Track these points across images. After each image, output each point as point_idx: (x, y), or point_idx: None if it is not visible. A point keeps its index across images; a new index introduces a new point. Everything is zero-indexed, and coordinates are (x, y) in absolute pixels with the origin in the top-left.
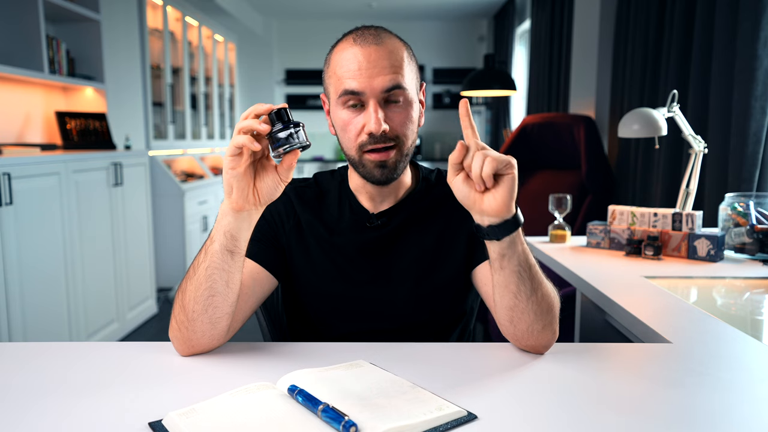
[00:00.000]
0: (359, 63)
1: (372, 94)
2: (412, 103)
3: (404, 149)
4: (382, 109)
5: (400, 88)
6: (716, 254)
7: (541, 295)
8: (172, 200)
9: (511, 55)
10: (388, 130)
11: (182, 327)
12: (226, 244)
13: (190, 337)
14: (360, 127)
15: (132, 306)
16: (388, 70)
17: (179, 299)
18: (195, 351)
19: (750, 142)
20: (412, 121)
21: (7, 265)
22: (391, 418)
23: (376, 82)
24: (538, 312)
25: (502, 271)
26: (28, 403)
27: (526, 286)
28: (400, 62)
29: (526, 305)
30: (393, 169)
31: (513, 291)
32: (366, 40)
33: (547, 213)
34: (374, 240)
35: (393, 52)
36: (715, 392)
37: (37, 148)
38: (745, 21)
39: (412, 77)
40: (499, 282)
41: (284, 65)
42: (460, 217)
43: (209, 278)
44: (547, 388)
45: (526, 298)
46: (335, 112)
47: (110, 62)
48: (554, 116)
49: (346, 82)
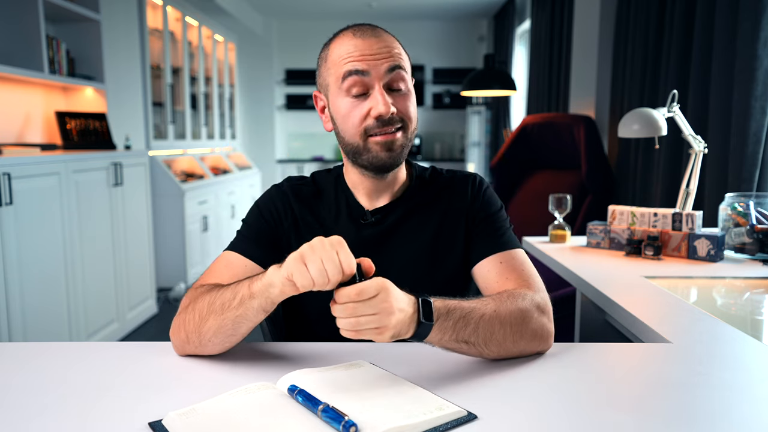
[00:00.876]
0: (361, 49)
1: (377, 75)
2: (411, 92)
3: (409, 132)
4: (387, 93)
5: (402, 69)
6: (716, 254)
7: (501, 334)
8: (172, 200)
9: (511, 55)
10: (395, 113)
11: (191, 342)
12: (265, 306)
13: (195, 351)
14: (365, 112)
15: (132, 306)
16: (390, 54)
17: (194, 318)
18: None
19: (750, 142)
20: (414, 109)
21: (7, 265)
22: (391, 418)
23: (380, 63)
24: (508, 342)
25: (449, 346)
26: (28, 403)
27: (478, 340)
28: (399, 50)
29: (492, 350)
30: (399, 152)
31: (470, 351)
32: (365, 33)
33: (547, 213)
34: (370, 236)
35: (391, 41)
36: (715, 392)
37: (37, 148)
38: (745, 21)
39: (409, 70)
40: (454, 350)
41: (284, 65)
42: (456, 213)
43: (236, 324)
44: (547, 388)
45: (486, 346)
46: (336, 102)
47: (110, 62)
48: (554, 116)
49: (350, 64)
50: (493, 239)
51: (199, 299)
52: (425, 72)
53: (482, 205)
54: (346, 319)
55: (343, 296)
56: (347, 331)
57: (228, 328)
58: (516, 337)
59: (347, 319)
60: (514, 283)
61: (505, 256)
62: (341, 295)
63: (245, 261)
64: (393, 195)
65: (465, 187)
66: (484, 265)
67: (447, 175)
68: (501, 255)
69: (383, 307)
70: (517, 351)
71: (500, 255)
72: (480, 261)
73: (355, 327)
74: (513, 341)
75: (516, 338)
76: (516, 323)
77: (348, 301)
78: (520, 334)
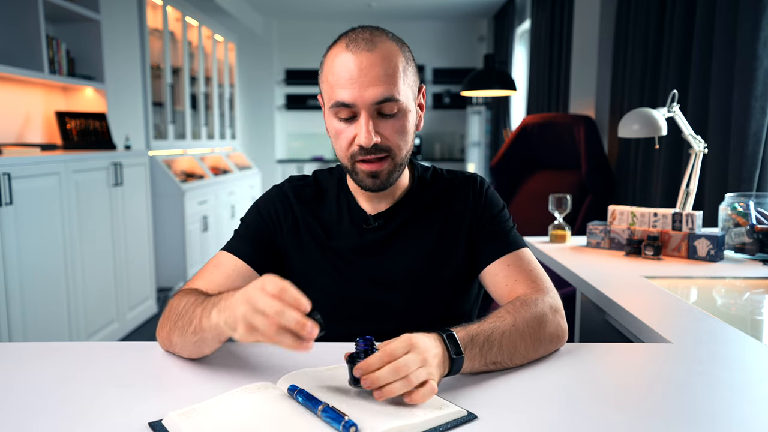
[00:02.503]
0: (350, 72)
1: (363, 106)
2: (407, 112)
3: (397, 159)
4: (374, 120)
5: (393, 101)
6: (716, 254)
7: (523, 346)
8: (172, 200)
9: (511, 55)
10: (380, 142)
11: (164, 346)
12: (221, 339)
13: (173, 352)
14: (351, 137)
15: (132, 306)
16: (381, 80)
17: (166, 326)
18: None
19: (750, 142)
20: (406, 132)
21: (7, 265)
22: (391, 417)
23: (367, 93)
24: (530, 352)
25: (478, 371)
26: (28, 403)
27: (503, 358)
28: (394, 70)
29: (517, 362)
30: (385, 179)
31: (497, 369)
32: (358, 45)
33: (547, 213)
34: (372, 242)
35: (386, 58)
36: (715, 392)
37: (37, 148)
38: (745, 21)
39: (409, 83)
40: (481, 372)
41: (284, 65)
42: (458, 215)
43: (197, 347)
44: (547, 387)
45: (511, 361)
46: (329, 120)
47: (110, 62)
48: (554, 116)
49: (338, 93)
50: (499, 241)
51: (172, 309)
52: (425, 72)
53: (485, 206)
54: (390, 385)
55: (374, 363)
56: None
57: (191, 348)
58: (536, 345)
59: (392, 385)
60: (524, 284)
61: (513, 257)
62: (371, 363)
63: (236, 261)
64: (394, 198)
65: (467, 189)
66: (493, 269)
67: (448, 176)
68: (508, 257)
69: (421, 358)
70: (538, 356)
71: (507, 257)
72: (488, 265)
73: (406, 387)
74: (534, 349)
75: (536, 345)
76: (534, 331)
77: (382, 365)
78: (540, 340)
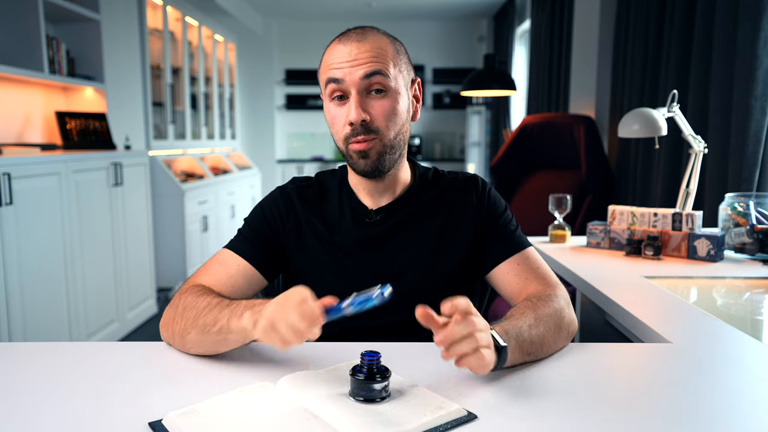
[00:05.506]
0: (341, 56)
1: (352, 83)
2: (396, 95)
3: (385, 140)
4: (362, 98)
5: (381, 74)
6: (716, 254)
7: (549, 338)
8: (172, 200)
9: (511, 55)
10: (368, 119)
11: (175, 343)
12: (244, 341)
13: (179, 350)
14: (345, 120)
15: (132, 306)
16: (368, 60)
17: (179, 324)
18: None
19: (750, 142)
20: (395, 113)
21: (7, 265)
22: (391, 417)
23: (356, 70)
24: (551, 344)
25: (516, 363)
26: (28, 403)
27: (534, 349)
28: (383, 54)
29: (545, 354)
30: (376, 160)
31: (529, 360)
32: (349, 38)
33: (547, 213)
34: (374, 235)
35: (376, 45)
36: (715, 392)
37: (37, 148)
38: (745, 21)
39: (401, 70)
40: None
41: (284, 65)
42: (460, 213)
43: (216, 345)
44: (547, 387)
45: (542, 352)
46: (326, 107)
47: (110, 62)
48: (554, 116)
49: (329, 72)
50: (506, 242)
51: (188, 306)
52: (425, 72)
53: (489, 208)
54: (468, 339)
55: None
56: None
57: (208, 346)
58: (557, 337)
59: (471, 338)
60: (535, 283)
61: (520, 257)
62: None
63: (239, 260)
64: (395, 194)
65: (469, 190)
66: (503, 269)
67: (449, 176)
68: (516, 257)
69: (478, 325)
70: (558, 348)
71: (516, 257)
72: (496, 266)
73: (480, 342)
74: (554, 341)
75: (557, 338)
76: (556, 324)
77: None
78: (559, 333)
